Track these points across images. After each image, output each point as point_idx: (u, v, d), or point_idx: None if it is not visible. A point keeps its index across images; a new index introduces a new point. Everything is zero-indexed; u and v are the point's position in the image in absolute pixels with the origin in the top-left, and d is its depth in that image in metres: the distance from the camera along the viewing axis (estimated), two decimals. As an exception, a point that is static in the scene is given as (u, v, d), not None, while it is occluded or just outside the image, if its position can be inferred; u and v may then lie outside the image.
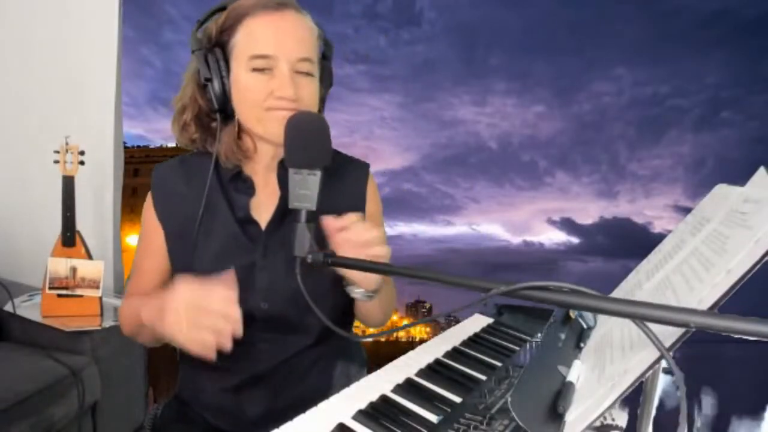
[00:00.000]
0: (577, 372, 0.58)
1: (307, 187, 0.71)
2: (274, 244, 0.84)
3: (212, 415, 0.89)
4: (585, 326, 0.78)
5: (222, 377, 0.87)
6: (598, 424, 0.55)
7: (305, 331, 0.88)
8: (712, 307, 0.39)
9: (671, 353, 0.40)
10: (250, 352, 0.85)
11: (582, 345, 0.73)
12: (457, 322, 1.12)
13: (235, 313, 0.64)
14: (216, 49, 0.79)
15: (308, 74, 0.79)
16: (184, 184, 0.87)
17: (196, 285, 0.65)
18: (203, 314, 0.63)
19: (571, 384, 0.56)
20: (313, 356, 0.90)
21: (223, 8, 0.79)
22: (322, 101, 0.88)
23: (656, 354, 0.41)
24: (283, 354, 0.87)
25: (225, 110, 0.81)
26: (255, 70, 0.76)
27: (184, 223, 0.84)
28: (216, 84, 0.78)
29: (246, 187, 0.86)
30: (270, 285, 0.84)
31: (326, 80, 0.87)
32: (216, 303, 0.63)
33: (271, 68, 0.76)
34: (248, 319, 0.84)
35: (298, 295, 0.69)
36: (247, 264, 0.84)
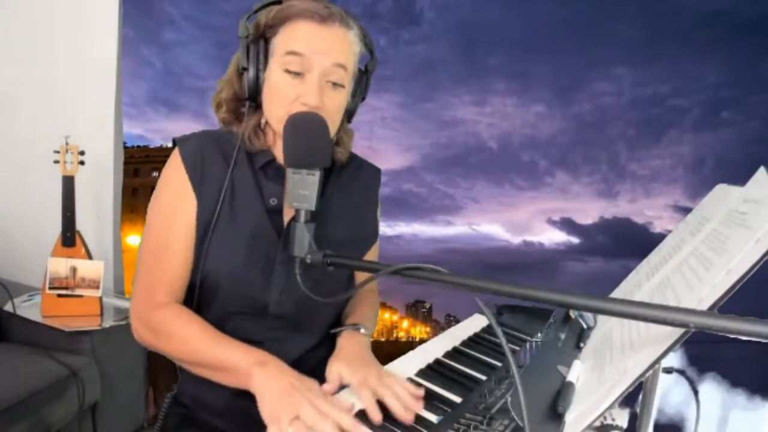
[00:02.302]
0: (576, 372, 0.58)
1: (306, 187, 0.71)
2: None
3: (220, 419, 0.88)
4: (585, 326, 0.78)
5: None
6: (598, 424, 0.55)
7: (310, 330, 0.89)
8: (712, 307, 0.39)
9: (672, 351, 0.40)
10: None
11: (582, 345, 0.74)
12: (457, 321, 1.12)
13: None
14: (260, 40, 0.80)
15: (339, 85, 0.79)
16: (216, 156, 0.84)
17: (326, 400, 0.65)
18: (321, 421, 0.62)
19: (570, 384, 0.56)
20: (318, 357, 0.90)
21: (277, 1, 0.80)
22: (351, 113, 0.88)
23: (656, 354, 0.41)
24: (290, 355, 0.86)
25: (255, 100, 0.82)
26: (288, 71, 0.77)
27: (213, 199, 0.82)
28: (251, 74, 0.79)
29: (278, 176, 0.86)
30: (286, 281, 0.83)
31: (361, 92, 0.87)
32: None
33: (303, 72, 0.77)
34: (260, 313, 0.84)
35: (308, 295, 0.70)
36: (268, 256, 0.83)
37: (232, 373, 0.72)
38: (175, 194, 0.82)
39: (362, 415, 0.65)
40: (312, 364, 0.90)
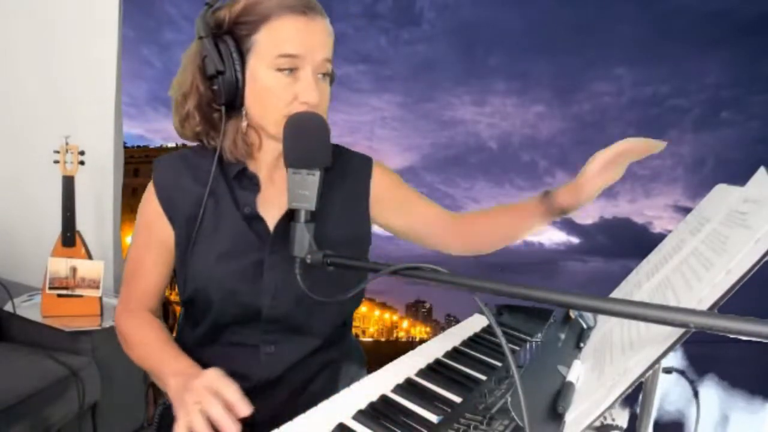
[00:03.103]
0: (576, 372, 0.58)
1: (306, 187, 0.70)
2: (283, 243, 0.81)
3: None
4: (585, 326, 0.78)
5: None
6: (598, 424, 0.55)
7: (310, 333, 0.88)
8: (712, 307, 0.39)
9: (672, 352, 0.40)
10: (257, 356, 0.85)
11: (582, 345, 0.74)
12: (457, 321, 1.11)
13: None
14: (227, 37, 0.75)
15: (327, 76, 0.80)
16: (187, 180, 0.84)
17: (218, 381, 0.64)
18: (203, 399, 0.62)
19: (570, 384, 0.56)
20: (319, 361, 0.90)
21: None
22: None
23: (656, 354, 0.41)
24: (290, 358, 0.86)
25: (233, 104, 0.78)
26: (279, 70, 0.75)
27: (189, 220, 0.82)
28: (228, 77, 0.75)
29: (251, 184, 0.85)
30: (277, 284, 0.83)
31: (332, 80, 0.86)
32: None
33: (296, 69, 0.75)
34: (254, 318, 0.84)
35: (304, 295, 0.69)
36: (255, 262, 0.83)
37: (163, 383, 0.74)
38: (150, 219, 0.85)
39: (364, 415, 0.65)
40: (315, 367, 0.89)
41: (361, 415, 0.65)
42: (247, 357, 0.85)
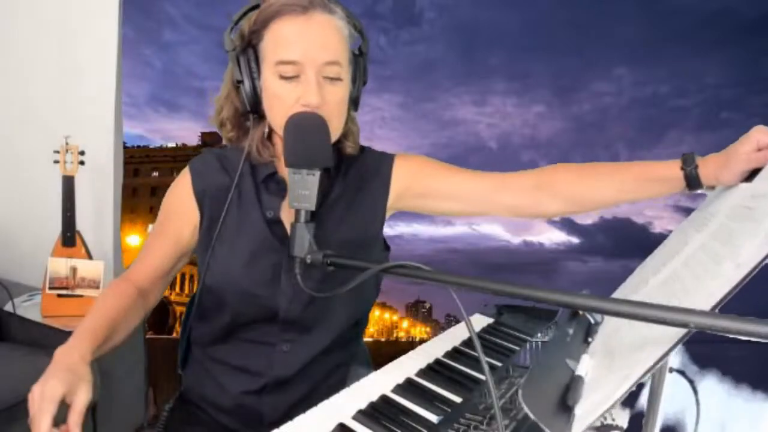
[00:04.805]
0: (585, 366, 0.58)
1: (307, 187, 0.70)
2: None
3: (226, 417, 0.88)
4: (592, 321, 0.78)
5: (245, 380, 0.86)
6: (598, 424, 0.55)
7: (325, 331, 0.88)
8: (720, 302, 0.39)
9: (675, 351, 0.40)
10: (272, 354, 0.85)
11: (590, 340, 0.73)
12: (457, 322, 1.11)
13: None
14: (249, 49, 0.78)
15: (336, 79, 0.78)
16: (220, 174, 0.86)
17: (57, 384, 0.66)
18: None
19: (580, 378, 0.56)
20: (330, 362, 0.90)
21: (256, 6, 0.78)
22: (356, 100, 0.85)
23: (665, 347, 0.41)
24: (304, 357, 0.86)
25: (257, 111, 0.81)
26: (282, 77, 0.76)
27: (216, 211, 0.84)
28: (247, 86, 0.78)
29: (278, 189, 0.86)
30: (294, 287, 0.83)
31: (360, 77, 0.84)
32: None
33: (298, 74, 0.75)
34: (271, 319, 0.84)
35: (319, 298, 0.70)
36: (274, 264, 0.84)
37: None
38: (179, 202, 0.86)
39: (364, 415, 0.65)
40: (327, 367, 0.90)
41: (361, 415, 0.65)
42: (262, 354, 0.86)
